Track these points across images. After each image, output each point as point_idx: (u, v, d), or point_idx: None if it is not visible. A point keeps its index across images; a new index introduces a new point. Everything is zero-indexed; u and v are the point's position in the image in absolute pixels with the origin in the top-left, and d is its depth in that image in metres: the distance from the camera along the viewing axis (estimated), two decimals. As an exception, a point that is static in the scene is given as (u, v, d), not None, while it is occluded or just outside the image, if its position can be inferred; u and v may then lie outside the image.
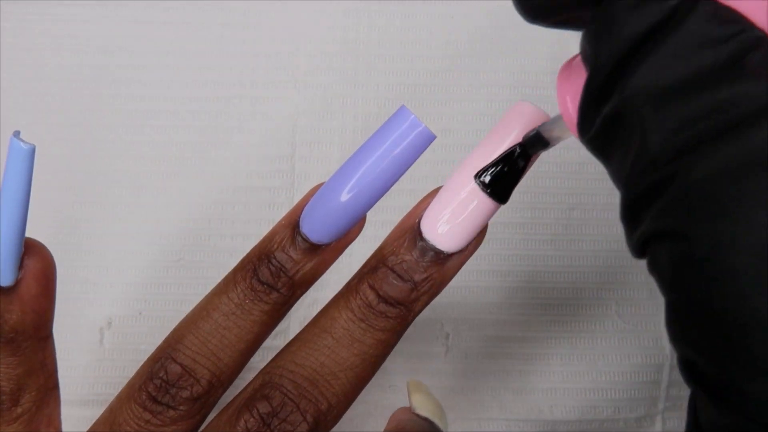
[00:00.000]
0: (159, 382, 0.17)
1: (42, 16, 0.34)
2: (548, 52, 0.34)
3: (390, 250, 0.18)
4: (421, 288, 0.17)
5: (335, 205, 0.17)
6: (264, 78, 0.34)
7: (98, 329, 0.31)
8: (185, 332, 0.18)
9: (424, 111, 0.34)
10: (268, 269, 0.18)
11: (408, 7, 0.35)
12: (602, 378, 0.31)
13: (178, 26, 0.34)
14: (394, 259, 0.17)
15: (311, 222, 0.18)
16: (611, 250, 0.32)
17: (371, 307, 0.17)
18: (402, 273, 0.17)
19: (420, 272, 0.17)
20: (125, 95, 0.34)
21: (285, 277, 0.18)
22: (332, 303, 0.18)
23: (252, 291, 0.18)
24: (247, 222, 0.32)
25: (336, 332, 0.17)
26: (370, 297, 0.17)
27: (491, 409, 0.31)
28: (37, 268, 0.18)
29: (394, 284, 0.17)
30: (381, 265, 0.17)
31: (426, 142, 0.17)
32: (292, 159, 0.33)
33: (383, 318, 0.17)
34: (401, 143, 0.17)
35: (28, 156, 0.16)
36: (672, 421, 0.31)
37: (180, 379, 0.17)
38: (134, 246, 0.32)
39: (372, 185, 0.17)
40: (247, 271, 0.18)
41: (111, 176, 0.33)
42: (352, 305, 0.17)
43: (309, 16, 0.35)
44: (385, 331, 0.17)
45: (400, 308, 0.17)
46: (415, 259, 0.17)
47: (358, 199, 0.17)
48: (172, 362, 0.17)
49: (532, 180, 0.33)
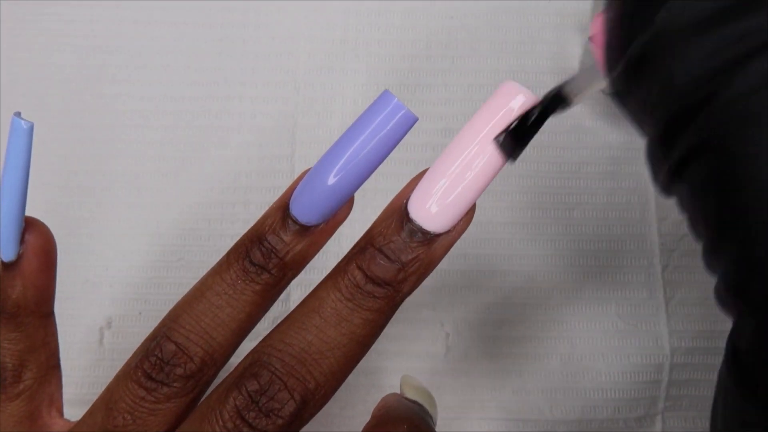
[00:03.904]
0: (154, 359, 0.18)
1: (42, 16, 0.34)
2: (548, 52, 0.34)
3: (378, 231, 0.18)
4: (409, 268, 0.17)
5: (323, 188, 0.18)
6: (264, 78, 0.34)
7: (98, 329, 0.31)
8: (180, 312, 0.19)
9: (425, 111, 0.34)
10: (259, 251, 0.19)
11: (408, 7, 0.35)
12: (602, 378, 0.31)
13: (178, 26, 0.34)
14: (381, 240, 0.18)
15: (300, 204, 0.18)
16: (611, 250, 0.32)
17: (359, 287, 0.17)
18: (389, 253, 0.17)
19: (407, 253, 0.17)
20: (125, 95, 0.34)
21: (276, 258, 0.18)
22: (321, 284, 0.18)
23: (244, 272, 0.19)
24: (247, 222, 0.32)
25: (324, 312, 0.17)
26: (357, 277, 0.17)
27: (491, 409, 0.31)
28: (37, 244, 0.19)
29: (381, 264, 0.17)
30: (368, 245, 0.18)
31: (408, 124, 0.17)
32: (292, 159, 0.33)
33: (371, 298, 0.17)
34: (385, 126, 0.17)
35: (27, 133, 0.17)
36: (672, 421, 0.31)
37: (174, 357, 0.18)
38: (134, 246, 0.32)
39: (357, 168, 0.18)
40: (240, 253, 0.19)
41: (111, 176, 0.33)
42: (340, 285, 0.18)
43: (309, 16, 0.35)
44: (372, 311, 0.17)
45: (388, 288, 0.17)
46: (403, 239, 0.17)
47: (343, 181, 0.18)
48: (167, 340, 0.18)
49: (532, 180, 0.33)
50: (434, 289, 0.32)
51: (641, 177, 0.33)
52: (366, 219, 0.33)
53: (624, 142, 0.34)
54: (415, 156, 0.33)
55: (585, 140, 0.34)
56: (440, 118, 0.34)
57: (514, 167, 0.33)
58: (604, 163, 0.33)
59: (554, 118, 0.36)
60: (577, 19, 0.35)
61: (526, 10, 0.35)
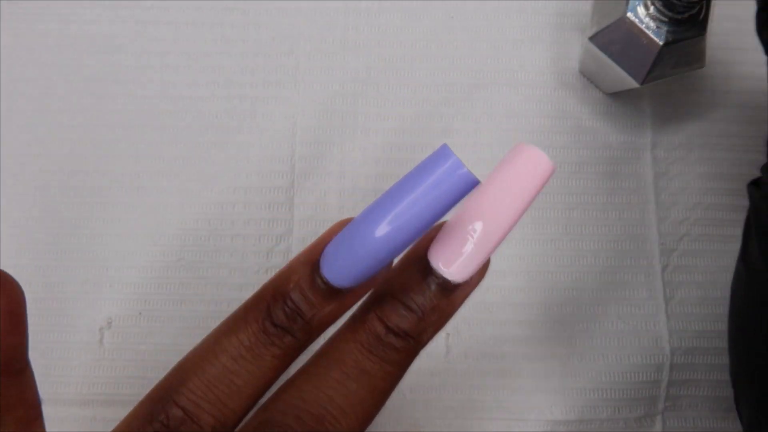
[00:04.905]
0: (158, 425, 0.16)
1: (42, 16, 0.34)
2: (548, 52, 0.34)
3: (398, 281, 0.17)
4: (429, 319, 0.17)
5: (363, 247, 0.16)
6: (264, 78, 0.34)
7: (98, 329, 0.31)
8: (190, 374, 0.16)
9: (424, 111, 0.34)
10: (283, 311, 0.16)
11: (408, 7, 0.35)
12: (602, 378, 0.31)
13: (178, 26, 0.34)
14: (401, 291, 0.17)
15: (334, 265, 0.16)
16: (611, 250, 0.33)
17: (380, 338, 0.17)
18: (410, 304, 0.17)
19: (428, 303, 0.17)
20: (125, 95, 0.34)
21: (301, 321, 0.17)
22: (338, 335, 0.17)
23: (264, 334, 0.16)
24: (247, 222, 0.32)
25: (345, 365, 0.16)
26: (378, 328, 0.17)
27: (491, 409, 0.31)
28: (2, 308, 0.16)
29: (402, 315, 0.17)
30: (388, 296, 0.17)
31: (468, 186, 0.15)
32: (292, 159, 0.33)
33: (391, 350, 0.17)
34: (441, 185, 0.15)
35: None
36: (672, 421, 0.31)
37: (182, 425, 0.16)
38: (134, 246, 0.32)
39: (406, 227, 0.16)
40: (260, 310, 0.17)
41: (111, 176, 0.33)
42: (361, 336, 0.17)
43: (309, 16, 0.35)
44: (393, 363, 0.17)
45: (408, 340, 0.17)
46: (423, 290, 0.17)
47: (389, 239, 0.16)
48: (174, 405, 0.16)
49: (532, 180, 0.33)
50: (434, 289, 0.32)
51: (641, 177, 0.33)
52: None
53: (624, 142, 0.34)
54: (415, 156, 0.33)
55: (585, 140, 0.34)
56: (440, 118, 0.34)
57: (514, 167, 0.33)
58: (604, 163, 0.33)
59: (554, 117, 0.36)
60: (577, 19, 0.35)
61: (526, 10, 0.35)
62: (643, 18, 0.28)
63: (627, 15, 0.28)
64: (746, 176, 0.34)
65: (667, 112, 0.34)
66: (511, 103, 0.34)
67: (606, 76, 0.32)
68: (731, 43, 0.34)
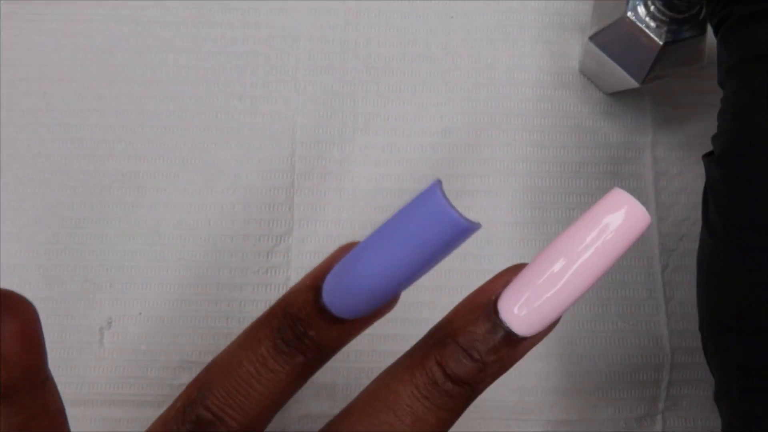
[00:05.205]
0: (190, 426, 0.17)
1: (42, 15, 0.34)
2: (548, 52, 0.34)
3: (460, 326, 0.16)
4: (489, 369, 0.16)
5: (357, 286, 0.16)
6: (264, 78, 0.34)
7: (98, 329, 0.31)
8: (211, 384, 0.17)
9: (425, 111, 0.34)
10: (291, 331, 0.17)
11: (408, 7, 0.35)
12: (602, 378, 0.31)
13: (178, 26, 0.34)
14: (464, 338, 0.16)
15: (332, 297, 0.17)
16: (611, 250, 0.32)
17: (437, 384, 0.16)
18: (473, 353, 0.16)
19: (491, 353, 0.16)
20: (125, 95, 0.34)
21: (310, 342, 0.17)
22: (393, 374, 0.17)
23: (276, 350, 0.17)
24: (247, 222, 0.32)
25: (399, 409, 0.16)
26: (436, 374, 0.16)
27: (491, 409, 0.31)
28: (14, 329, 0.16)
29: (463, 363, 0.16)
30: (450, 341, 0.16)
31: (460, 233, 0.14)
32: (292, 159, 0.33)
33: (448, 397, 0.16)
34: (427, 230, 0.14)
35: None
36: (672, 421, 0.31)
37: (211, 426, 0.17)
38: (134, 246, 0.32)
39: (397, 272, 0.15)
40: (271, 328, 0.17)
41: (111, 176, 0.33)
42: (417, 381, 0.16)
43: (309, 16, 0.35)
44: (447, 410, 0.16)
45: (466, 388, 0.16)
46: (488, 339, 0.16)
47: (382, 281, 0.16)
48: (203, 408, 0.17)
49: (532, 180, 0.33)
50: (434, 288, 0.32)
51: (641, 177, 0.33)
52: (366, 219, 0.33)
53: (624, 142, 0.34)
54: (415, 156, 0.33)
55: (585, 140, 0.33)
56: (440, 118, 0.34)
57: (514, 167, 0.33)
58: (604, 163, 0.33)
59: (554, 117, 0.36)
60: (577, 19, 0.35)
61: (526, 9, 0.35)
62: (644, 17, 0.28)
63: (627, 15, 0.28)
64: (746, 176, 0.34)
65: (667, 112, 0.34)
66: (511, 103, 0.34)
67: (606, 76, 0.32)
68: (731, 43, 0.34)
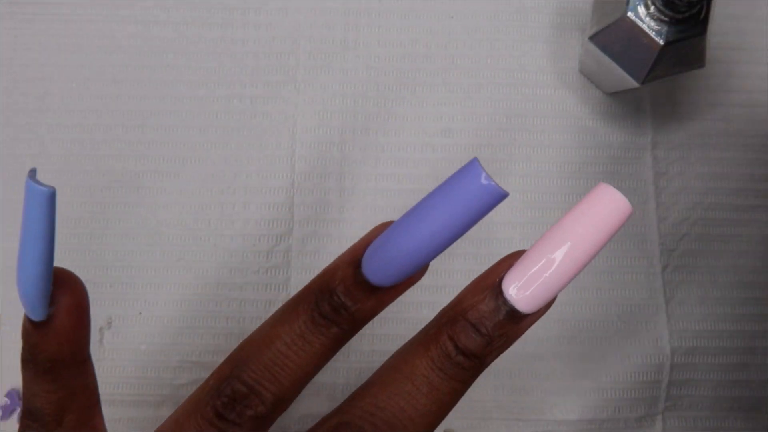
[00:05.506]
0: (226, 399, 0.18)
1: (42, 15, 0.34)
2: (548, 52, 0.34)
3: (469, 305, 0.18)
4: (496, 343, 0.18)
5: (397, 253, 0.18)
6: (264, 78, 0.34)
7: (98, 329, 0.31)
8: (248, 357, 0.19)
9: (425, 111, 0.34)
10: (329, 304, 0.19)
11: (408, 7, 0.35)
12: (602, 378, 0.31)
13: (178, 26, 0.34)
14: (474, 314, 0.18)
15: (373, 266, 0.18)
16: (611, 251, 0.33)
17: (449, 357, 0.18)
18: (481, 328, 0.18)
19: (497, 329, 0.18)
20: (125, 95, 0.34)
21: (345, 313, 0.19)
22: (410, 349, 0.19)
23: (313, 323, 0.19)
24: (247, 222, 0.32)
25: (416, 379, 0.18)
26: (449, 347, 0.18)
27: (491, 409, 0.31)
28: (69, 303, 0.19)
29: (472, 337, 0.18)
30: (461, 318, 0.18)
31: (496, 200, 0.17)
32: (292, 159, 0.33)
33: (459, 368, 0.18)
34: (470, 199, 0.17)
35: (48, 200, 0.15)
36: (672, 421, 0.31)
37: (245, 399, 0.18)
38: (134, 246, 0.32)
39: (437, 237, 0.17)
40: (309, 303, 0.19)
41: (111, 176, 0.33)
42: (432, 353, 0.18)
43: (309, 16, 0.35)
44: (459, 381, 0.18)
45: (475, 360, 0.18)
46: (494, 316, 0.18)
47: (421, 248, 0.17)
48: (238, 382, 0.18)
49: (531, 180, 0.33)
50: (434, 288, 0.32)
51: (641, 177, 0.33)
52: (366, 219, 0.33)
53: (624, 142, 0.34)
54: (415, 156, 0.33)
55: (585, 140, 0.34)
56: (440, 118, 0.34)
57: (514, 167, 0.33)
58: (604, 163, 0.33)
59: (554, 117, 0.37)
60: (577, 19, 0.35)
61: (526, 9, 0.35)
62: (644, 18, 0.28)
63: (627, 14, 0.28)
64: (746, 176, 0.34)
65: (667, 112, 0.34)
66: (511, 103, 0.34)
67: (606, 76, 0.32)
68: (731, 43, 0.34)
